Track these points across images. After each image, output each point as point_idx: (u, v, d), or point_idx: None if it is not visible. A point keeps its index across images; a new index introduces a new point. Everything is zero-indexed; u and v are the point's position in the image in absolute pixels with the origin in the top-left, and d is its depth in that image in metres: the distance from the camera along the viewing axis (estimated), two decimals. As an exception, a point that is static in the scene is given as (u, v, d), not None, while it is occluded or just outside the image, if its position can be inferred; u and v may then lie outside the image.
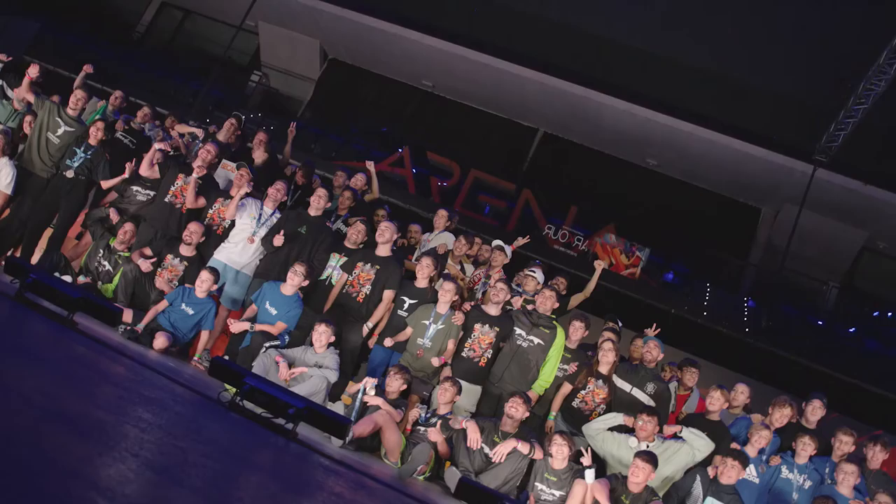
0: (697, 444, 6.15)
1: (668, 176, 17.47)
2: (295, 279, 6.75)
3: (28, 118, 7.87)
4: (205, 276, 6.78)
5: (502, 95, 17.50)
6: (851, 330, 15.04)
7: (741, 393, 7.19)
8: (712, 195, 17.30)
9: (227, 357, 6.78)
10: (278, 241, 7.14)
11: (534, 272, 7.88)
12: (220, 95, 17.55)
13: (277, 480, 3.16)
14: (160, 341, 6.45)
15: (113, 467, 2.01)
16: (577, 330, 7.11)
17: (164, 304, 6.74)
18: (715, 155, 15.78)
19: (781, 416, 6.71)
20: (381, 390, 6.22)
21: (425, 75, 18.28)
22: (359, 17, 17.11)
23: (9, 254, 7.41)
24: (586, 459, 5.74)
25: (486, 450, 5.88)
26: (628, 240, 15.30)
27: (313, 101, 19.25)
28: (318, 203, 7.50)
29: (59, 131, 7.58)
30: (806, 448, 6.42)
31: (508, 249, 8.04)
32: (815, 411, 6.80)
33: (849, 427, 6.63)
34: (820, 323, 15.21)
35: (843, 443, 6.50)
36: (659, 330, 7.45)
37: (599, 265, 8.14)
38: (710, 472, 5.99)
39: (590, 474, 5.56)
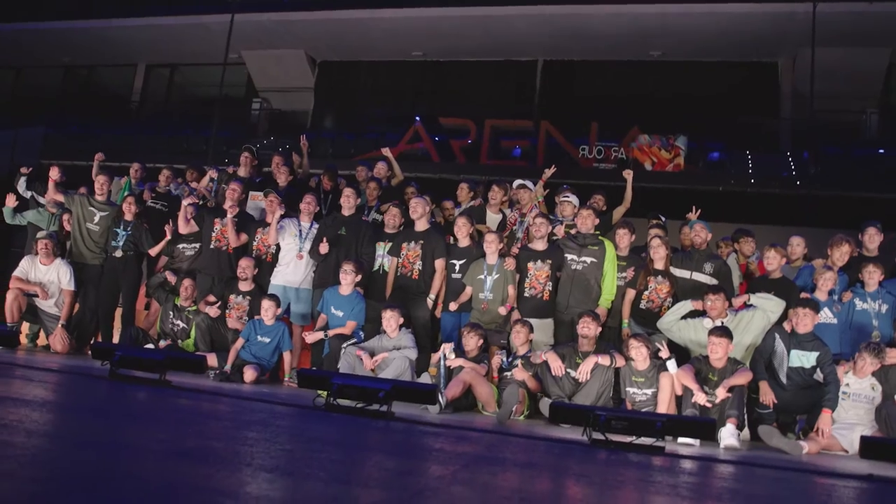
0: (768, 306, 6.32)
1: (677, 61, 17.23)
2: (347, 277, 7.09)
3: (65, 216, 8.37)
4: (266, 304, 7.17)
5: (491, 39, 17.46)
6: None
7: (797, 245, 7.31)
8: (725, 65, 17.01)
9: (314, 368, 7.21)
10: (323, 248, 7.49)
11: (567, 197, 8.07)
12: (228, 134, 17.91)
13: (387, 455, 3.47)
14: (249, 374, 6.89)
15: (231, 477, 2.33)
16: (623, 237, 7.31)
17: (240, 341, 7.16)
18: (713, 25, 15.53)
19: (841, 253, 6.82)
20: (461, 352, 6.55)
21: (413, 47, 18.35)
22: (331, 15, 17.24)
23: (92, 342, 7.94)
24: (664, 353, 5.97)
25: (572, 373, 6.16)
26: (659, 135, 15.22)
27: (317, 108, 19.51)
28: (348, 202, 7.81)
29: (96, 219, 8.07)
30: (872, 276, 6.53)
31: (531, 184, 8.22)
32: (871, 238, 6.90)
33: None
34: (881, 151, 14.88)
35: (907, 258, 6.60)
36: (700, 211, 7.61)
37: (628, 174, 8.28)
38: (787, 326, 6.16)
39: (671, 365, 5.81)
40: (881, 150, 14.91)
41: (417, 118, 16.89)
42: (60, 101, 20.79)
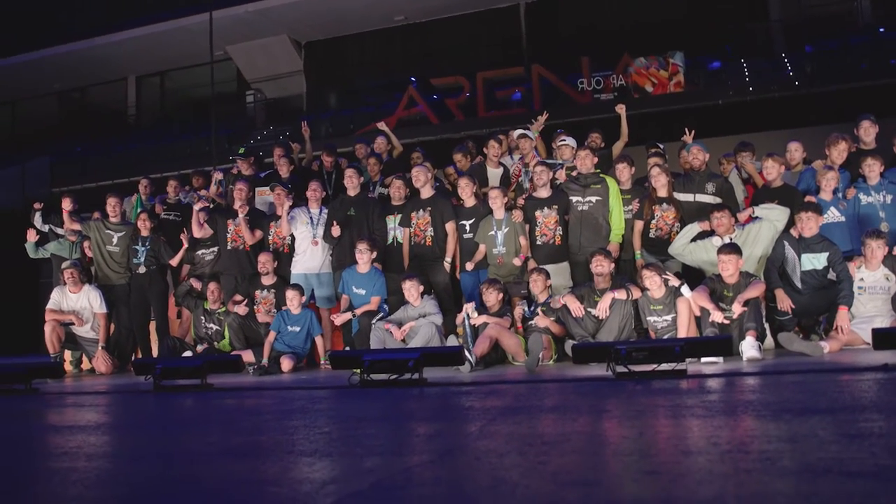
0: (773, 216, 6.42)
1: (659, -21, 17.08)
2: (363, 256, 7.30)
3: (85, 243, 8.64)
4: (290, 294, 7.40)
5: (469, -10, 17.45)
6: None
7: (795, 150, 7.38)
8: (707, -25, 16.81)
9: (347, 348, 7.47)
10: (335, 231, 7.68)
11: (564, 140, 8.18)
12: (228, 131, 18.08)
13: (419, 421, 3.68)
14: (286, 364, 7.16)
15: (276, 466, 2.54)
16: (623, 171, 7.43)
17: (272, 334, 7.40)
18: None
19: (839, 151, 6.88)
20: (483, 308, 6.75)
21: (394, 12, 18.32)
22: (305, -7, 17.32)
23: (132, 358, 8.25)
24: (673, 281, 6.11)
25: (592, 312, 6.34)
26: (654, 55, 15.09)
27: (310, 90, 19.60)
28: (351, 182, 7.96)
29: (114, 240, 8.34)
30: (872, 168, 6.60)
31: (531, 133, 8.33)
32: (867, 131, 6.94)
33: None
34: (881, 29, 14.57)
35: (903, 144, 6.66)
36: (694, 132, 7.69)
37: (621, 108, 8.33)
38: (794, 232, 6.27)
39: (685, 289, 5.96)
40: (881, 29, 14.66)
41: (413, 79, 16.94)
42: (59, 128, 21.07)
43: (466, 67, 16.90)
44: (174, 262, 8.40)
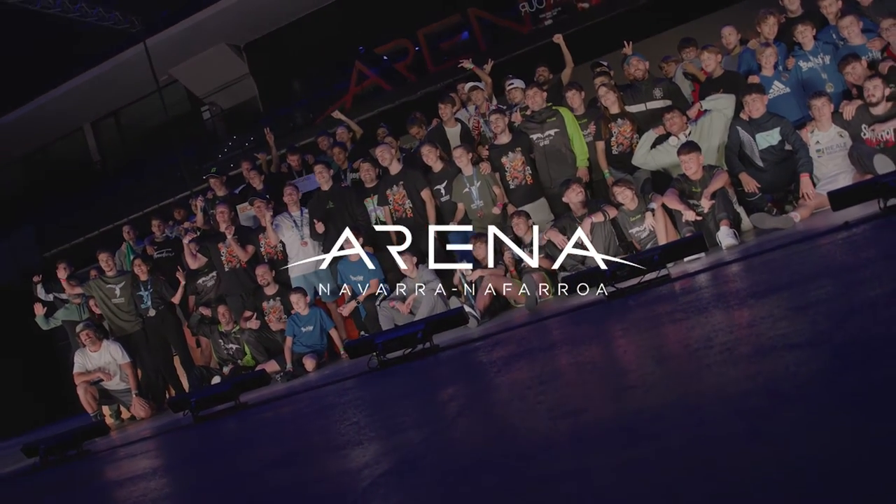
0: (720, 105, 6.66)
1: None
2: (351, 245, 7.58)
3: (91, 301, 8.93)
4: (295, 298, 7.72)
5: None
6: None
7: (729, 35, 7.57)
8: None
9: (362, 333, 7.80)
10: (320, 228, 7.98)
11: (513, 84, 8.38)
12: (193, 151, 18.23)
13: (433, 390, 4.01)
14: (309, 363, 7.50)
15: (317, 464, 2.86)
16: (574, 97, 7.63)
17: (288, 340, 7.73)
18: None
19: (769, 26, 7.07)
20: (477, 263, 7.06)
21: (320, -8, 18.33)
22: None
23: (167, 397, 8.62)
24: (649, 222, 6.33)
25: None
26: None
27: (262, 90, 19.64)
28: (322, 177, 8.23)
29: (117, 292, 8.63)
30: (805, 34, 6.79)
31: (481, 84, 8.54)
32: (791, 1, 7.13)
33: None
34: None
35: (827, 6, 6.85)
36: (631, 43, 7.88)
37: (558, 38, 8.43)
38: (744, 115, 6.50)
39: (655, 202, 6.23)
40: None
41: (361, 48, 17.02)
42: (32, 193, 21.17)
43: (405, 28, 16.93)
44: (175, 299, 8.70)
